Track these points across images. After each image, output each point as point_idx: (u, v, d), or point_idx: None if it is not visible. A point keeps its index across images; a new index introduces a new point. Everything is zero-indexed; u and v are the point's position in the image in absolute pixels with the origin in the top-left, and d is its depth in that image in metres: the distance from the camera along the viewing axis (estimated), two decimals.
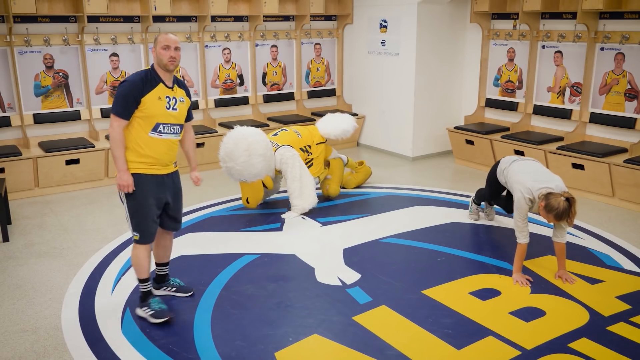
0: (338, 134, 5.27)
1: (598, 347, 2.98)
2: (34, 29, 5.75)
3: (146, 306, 3.27)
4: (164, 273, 3.54)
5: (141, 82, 3.05)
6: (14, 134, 5.86)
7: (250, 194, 4.89)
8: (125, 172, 3.07)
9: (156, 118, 3.09)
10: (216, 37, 6.73)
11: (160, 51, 3.08)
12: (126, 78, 3.09)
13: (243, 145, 4.55)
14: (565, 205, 3.41)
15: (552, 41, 6.09)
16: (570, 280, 3.68)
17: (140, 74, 3.09)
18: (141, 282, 3.28)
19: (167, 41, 3.09)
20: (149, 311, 3.24)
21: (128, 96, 3.02)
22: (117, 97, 3.04)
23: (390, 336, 3.09)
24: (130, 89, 3.02)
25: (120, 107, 3.03)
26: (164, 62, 3.08)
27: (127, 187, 3.07)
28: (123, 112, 3.03)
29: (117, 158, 3.05)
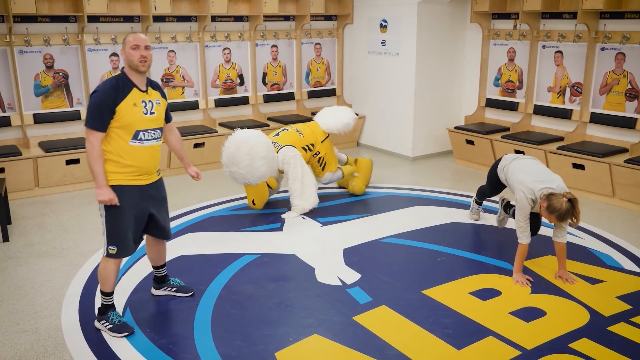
0: (340, 128, 5.25)
1: (598, 347, 2.98)
2: (34, 28, 5.75)
3: (105, 319, 3.15)
4: (164, 274, 3.53)
5: (113, 90, 2.89)
6: (14, 134, 5.86)
7: (256, 195, 4.89)
8: (105, 187, 2.93)
9: (134, 126, 2.95)
10: (216, 37, 6.73)
11: (129, 51, 2.93)
12: (96, 87, 2.92)
13: (245, 149, 4.54)
14: (567, 206, 3.41)
15: (552, 41, 6.09)
16: (570, 281, 3.68)
17: (111, 81, 2.93)
18: (105, 295, 3.15)
19: (136, 40, 2.93)
20: (108, 325, 3.13)
21: (102, 107, 2.86)
22: (90, 109, 2.88)
23: (391, 336, 3.09)
24: (103, 98, 2.87)
25: (94, 119, 2.87)
26: (134, 62, 2.93)
27: (110, 202, 2.94)
28: (99, 124, 2.88)
29: (96, 174, 2.91)
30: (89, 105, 2.91)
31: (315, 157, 5.13)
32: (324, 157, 5.15)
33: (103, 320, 3.16)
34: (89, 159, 2.92)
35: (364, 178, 5.53)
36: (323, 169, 5.19)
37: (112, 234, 3.03)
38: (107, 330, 3.13)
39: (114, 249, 3.04)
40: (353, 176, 5.47)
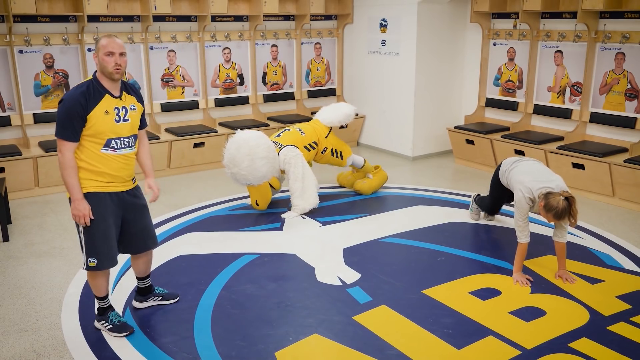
0: (342, 119, 5.28)
1: (598, 347, 2.98)
2: (34, 28, 5.75)
3: (104, 320, 3.12)
4: (149, 284, 3.38)
5: (84, 98, 2.74)
6: (14, 134, 5.86)
7: (259, 196, 4.90)
8: (82, 200, 2.79)
9: (105, 134, 2.81)
10: (216, 37, 6.73)
11: (103, 57, 2.77)
12: (65, 95, 2.76)
13: (245, 150, 4.56)
14: (564, 204, 3.41)
15: (552, 41, 6.09)
16: (570, 280, 3.68)
17: (81, 87, 2.78)
18: (101, 299, 3.10)
19: (110, 46, 2.76)
20: (108, 325, 3.10)
21: (72, 116, 2.72)
22: (60, 118, 2.73)
23: (391, 336, 3.09)
24: (73, 106, 2.72)
25: (65, 129, 2.73)
26: (108, 70, 2.79)
27: (83, 218, 2.80)
28: (70, 134, 2.74)
29: (71, 186, 2.77)
30: (58, 114, 2.75)
31: (325, 153, 5.17)
32: (335, 149, 5.23)
33: (102, 320, 3.14)
34: (62, 171, 2.77)
35: (376, 183, 5.54)
36: (342, 157, 5.28)
37: (89, 246, 2.89)
38: (106, 331, 3.12)
39: (94, 261, 2.91)
40: (367, 177, 5.54)
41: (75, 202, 2.80)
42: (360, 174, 5.62)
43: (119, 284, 3.70)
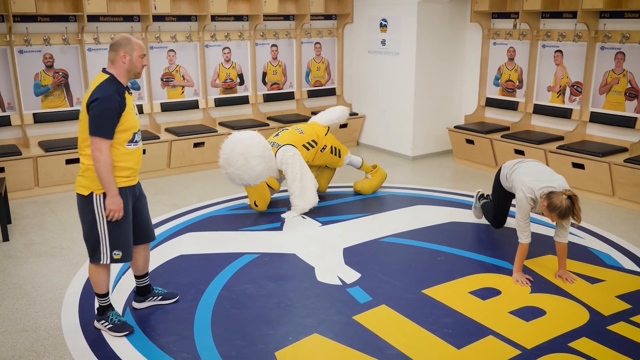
0: (339, 115, 5.35)
1: (598, 347, 2.98)
2: (34, 28, 5.74)
3: (104, 319, 3.13)
4: (147, 284, 3.39)
5: (118, 95, 2.86)
6: (13, 134, 5.85)
7: (257, 197, 4.89)
8: (118, 196, 2.89)
9: (133, 129, 2.95)
10: (216, 37, 6.73)
11: (137, 58, 2.94)
12: (98, 95, 2.81)
13: (239, 150, 4.59)
14: (567, 203, 3.41)
15: (552, 40, 6.09)
16: (570, 280, 3.68)
17: (111, 87, 2.87)
18: (101, 297, 3.13)
19: (143, 49, 2.98)
20: (108, 324, 3.12)
21: (112, 113, 2.82)
22: (99, 117, 2.80)
23: (391, 335, 3.09)
24: (112, 104, 2.82)
25: (105, 127, 2.81)
26: (138, 69, 2.96)
27: (119, 212, 2.90)
28: (109, 132, 2.83)
29: (109, 182, 2.85)
30: (97, 113, 2.81)
31: (324, 151, 5.17)
32: (334, 146, 5.25)
33: (102, 320, 3.14)
34: (103, 169, 2.83)
35: (376, 183, 5.54)
36: (339, 155, 5.29)
37: (116, 239, 2.98)
38: (107, 330, 3.12)
39: (119, 254, 3.01)
40: (366, 177, 5.54)
41: (114, 197, 2.89)
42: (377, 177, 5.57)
43: (119, 284, 3.70)
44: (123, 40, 2.92)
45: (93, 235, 2.98)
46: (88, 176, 2.92)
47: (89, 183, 2.93)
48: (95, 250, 3.00)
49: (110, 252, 2.99)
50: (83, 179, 2.94)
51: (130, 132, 2.94)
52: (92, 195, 2.93)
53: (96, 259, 3.01)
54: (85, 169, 2.93)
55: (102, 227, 2.96)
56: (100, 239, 2.97)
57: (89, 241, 3.01)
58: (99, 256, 3.00)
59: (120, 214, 2.92)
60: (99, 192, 2.92)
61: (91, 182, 2.92)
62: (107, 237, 2.97)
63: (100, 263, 3.02)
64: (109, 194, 2.89)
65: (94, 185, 2.92)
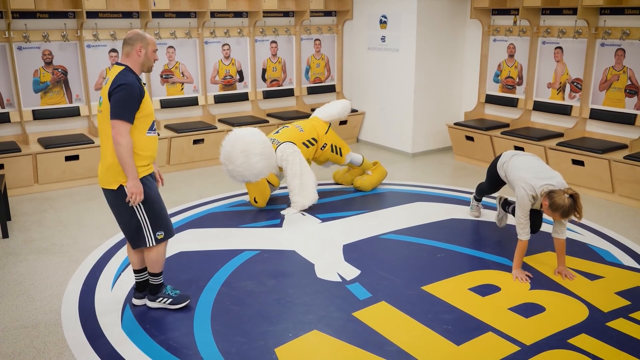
0: (340, 111, 5.35)
1: (597, 343, 2.98)
2: (33, 24, 5.73)
3: (162, 296, 3.31)
4: (146, 279, 3.38)
5: (139, 82, 3.00)
6: (13, 130, 5.85)
7: (257, 193, 4.89)
8: (137, 179, 2.99)
9: (152, 116, 3.07)
10: (215, 33, 6.72)
11: (152, 53, 3.07)
12: (121, 82, 2.92)
13: (240, 147, 4.59)
14: (570, 202, 3.41)
15: (552, 37, 6.08)
16: (569, 277, 3.69)
17: (131, 75, 2.99)
18: (157, 276, 3.30)
19: (155, 44, 3.12)
20: (167, 300, 3.30)
21: (134, 97, 2.92)
22: (121, 100, 2.89)
23: (390, 332, 3.10)
24: (134, 89, 2.93)
25: (127, 110, 2.90)
26: (151, 63, 3.10)
27: (139, 195, 2.99)
28: (130, 115, 2.92)
29: (130, 165, 2.93)
30: (120, 97, 2.89)
31: (324, 150, 5.18)
32: (335, 145, 5.26)
33: (160, 297, 3.31)
34: (124, 152, 2.90)
35: (375, 180, 5.55)
36: (341, 154, 5.32)
37: (156, 220, 3.12)
38: (167, 305, 3.29)
39: (162, 233, 3.16)
40: (367, 173, 5.55)
41: (135, 180, 2.97)
42: (358, 170, 5.62)
43: (119, 280, 3.70)
44: (138, 36, 3.05)
45: (134, 223, 3.09)
46: (114, 171, 3.00)
47: (116, 177, 3.02)
48: (138, 236, 3.13)
49: (154, 234, 3.14)
50: (110, 174, 3.02)
51: (150, 119, 3.05)
52: (122, 187, 3.03)
53: (142, 244, 3.15)
54: (111, 163, 3.00)
55: (141, 213, 3.08)
56: (141, 225, 3.10)
57: (130, 229, 3.13)
58: (145, 241, 3.14)
59: (141, 197, 3.00)
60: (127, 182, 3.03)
61: (118, 175, 3.01)
62: (148, 222, 3.11)
63: (147, 246, 3.15)
64: (129, 176, 2.96)
65: (122, 178, 3.01)
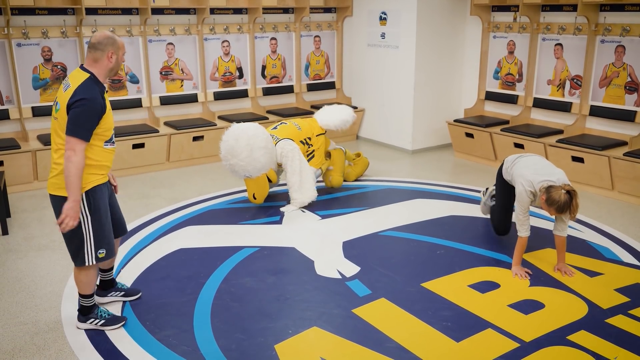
0: (338, 124, 5.22)
1: (597, 340, 2.99)
2: (32, 21, 5.72)
3: (94, 317, 3.09)
4: (110, 278, 3.35)
5: (101, 97, 2.78)
6: (12, 127, 5.84)
7: (256, 189, 4.88)
8: (78, 202, 2.75)
9: (111, 130, 2.90)
10: (215, 30, 6.71)
11: (122, 57, 2.89)
12: (84, 96, 2.70)
13: (244, 141, 4.55)
14: (566, 198, 3.41)
15: (552, 34, 6.07)
16: (569, 273, 3.69)
17: (93, 88, 2.78)
18: (88, 298, 3.07)
19: (124, 47, 2.92)
20: (99, 321, 3.09)
21: (95, 115, 2.73)
22: (80, 117, 2.69)
23: (390, 329, 3.10)
24: (96, 105, 2.73)
25: (84, 128, 2.71)
26: (118, 68, 2.91)
27: (74, 221, 2.74)
28: (87, 133, 2.73)
29: (75, 186, 2.71)
30: (78, 113, 2.69)
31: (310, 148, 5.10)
32: (314, 152, 5.08)
33: (91, 319, 3.10)
34: (73, 169, 2.69)
35: (359, 170, 5.54)
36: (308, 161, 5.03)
37: (100, 237, 2.92)
38: (99, 327, 3.09)
39: (103, 252, 2.95)
40: (328, 169, 5.34)
41: (76, 202, 2.76)
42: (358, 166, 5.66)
43: (119, 277, 3.70)
44: (108, 40, 2.82)
45: (77, 237, 2.88)
46: None
47: None
48: (78, 252, 2.91)
49: (96, 252, 2.92)
50: (61, 181, 2.80)
51: (109, 133, 2.89)
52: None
53: (80, 262, 2.93)
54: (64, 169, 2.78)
55: (87, 227, 2.87)
56: (84, 239, 2.89)
57: (72, 244, 2.91)
58: (83, 258, 2.91)
59: (74, 223, 2.76)
60: (82, 190, 2.81)
61: None
62: (92, 237, 2.90)
63: (85, 265, 2.93)
64: (71, 197, 2.73)
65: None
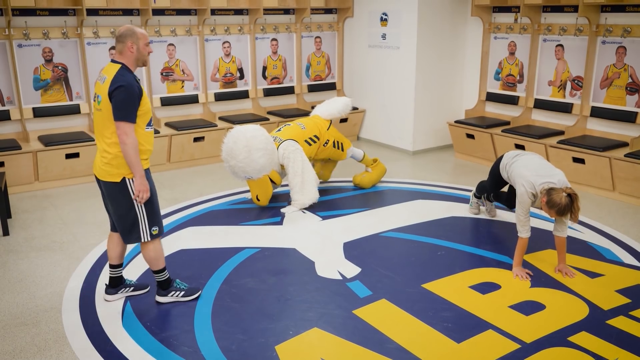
0: (341, 109, 5.36)
1: (598, 341, 2.98)
2: (33, 22, 5.73)
3: (173, 290, 3.37)
4: (120, 275, 3.43)
5: (136, 82, 3.03)
6: (13, 128, 5.85)
7: (259, 191, 4.89)
8: (144, 177, 3.05)
9: (150, 113, 3.11)
10: (216, 31, 6.71)
11: (144, 47, 3.07)
12: (121, 83, 2.95)
13: (242, 142, 4.58)
14: (567, 201, 3.41)
15: (553, 34, 6.07)
16: (570, 274, 3.69)
17: (127, 75, 3.01)
18: (161, 273, 3.33)
19: (147, 38, 3.11)
20: (179, 293, 3.37)
21: (135, 98, 2.97)
22: (123, 102, 2.94)
23: (390, 330, 3.10)
24: (134, 90, 2.97)
25: (129, 111, 2.96)
26: (145, 57, 3.10)
27: (146, 193, 3.06)
28: (132, 115, 2.98)
29: (137, 164, 3.00)
30: (121, 99, 2.93)
31: (327, 146, 5.19)
32: (337, 140, 5.28)
33: (171, 291, 3.36)
34: (130, 150, 2.97)
35: (375, 177, 5.55)
36: (342, 149, 5.33)
37: (153, 216, 3.18)
38: (179, 299, 3.36)
39: (157, 229, 3.22)
40: (366, 170, 5.57)
41: (142, 178, 3.04)
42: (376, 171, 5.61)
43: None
44: (128, 31, 3.04)
45: (131, 217, 3.13)
46: (117, 163, 3.04)
47: (119, 170, 3.05)
48: (133, 230, 3.16)
49: (150, 229, 3.19)
50: (112, 167, 3.05)
51: (148, 115, 3.09)
52: (125, 180, 3.07)
53: (135, 239, 3.19)
54: (113, 156, 3.03)
55: (139, 208, 3.13)
56: (138, 219, 3.14)
57: (126, 224, 3.15)
58: (139, 235, 3.18)
59: (148, 194, 3.07)
60: (130, 176, 3.06)
61: (121, 168, 3.05)
62: (145, 217, 3.15)
63: (142, 241, 3.20)
64: (136, 175, 3.02)
65: (125, 171, 3.05)
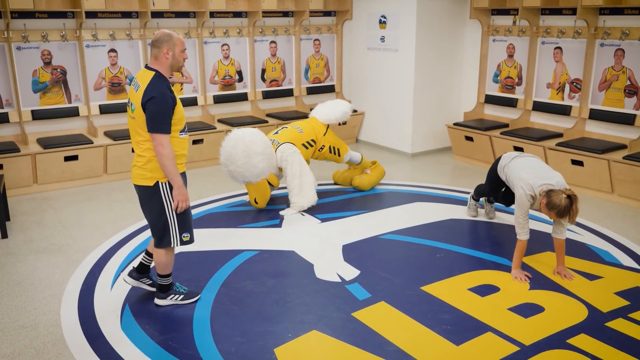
0: (339, 117, 5.33)
1: (597, 343, 2.98)
2: (32, 24, 5.73)
3: (172, 294, 3.38)
4: (149, 265, 3.47)
5: (170, 91, 3.02)
6: (12, 130, 5.84)
7: (257, 194, 4.89)
8: (183, 186, 3.05)
9: (183, 120, 3.11)
10: (215, 33, 6.72)
11: (180, 54, 3.06)
12: (154, 94, 2.94)
13: (241, 147, 4.57)
14: (566, 202, 3.41)
15: (551, 37, 6.08)
16: (569, 277, 3.69)
17: (162, 84, 3.01)
18: (167, 277, 3.34)
19: (184, 44, 3.10)
20: (178, 296, 3.38)
21: (168, 110, 2.98)
22: (158, 115, 2.94)
23: (389, 332, 3.10)
24: (167, 101, 2.97)
25: (164, 124, 2.96)
26: (180, 64, 3.10)
27: (185, 202, 3.07)
28: (167, 127, 2.98)
29: (174, 174, 3.01)
30: (154, 111, 2.93)
31: (322, 151, 5.22)
32: (333, 146, 5.30)
33: (170, 295, 3.37)
34: (166, 161, 2.97)
35: (374, 179, 5.56)
36: (339, 154, 5.36)
37: (184, 222, 3.18)
38: (178, 302, 3.36)
39: (187, 236, 3.22)
40: (365, 172, 5.58)
41: (180, 188, 3.05)
42: (357, 170, 5.64)
43: (119, 280, 3.70)
44: (165, 37, 3.04)
45: (162, 221, 3.14)
46: (150, 167, 3.06)
47: (152, 174, 3.07)
48: (164, 235, 3.17)
49: (180, 235, 3.19)
50: (145, 171, 3.06)
51: (182, 123, 3.10)
52: (158, 184, 3.09)
53: (166, 243, 3.19)
54: (147, 161, 3.05)
55: (170, 213, 3.13)
56: (169, 224, 3.15)
57: (157, 228, 3.17)
58: (169, 240, 3.18)
59: (187, 203, 3.09)
60: (163, 180, 3.08)
61: (155, 172, 3.06)
62: (176, 222, 3.16)
63: (171, 247, 3.20)
64: (175, 185, 3.04)
65: (158, 175, 3.07)
